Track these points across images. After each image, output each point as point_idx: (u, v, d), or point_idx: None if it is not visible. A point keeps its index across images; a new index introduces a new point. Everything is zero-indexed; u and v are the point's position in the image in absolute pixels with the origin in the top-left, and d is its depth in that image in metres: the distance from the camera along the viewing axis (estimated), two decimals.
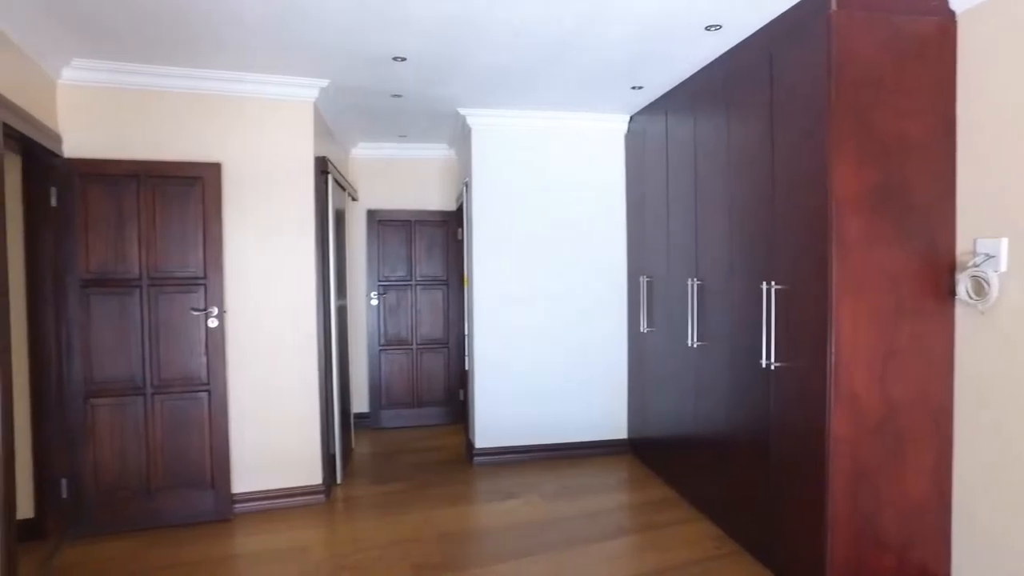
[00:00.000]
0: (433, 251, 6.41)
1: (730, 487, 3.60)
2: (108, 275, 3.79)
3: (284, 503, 4.17)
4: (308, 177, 4.22)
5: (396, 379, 6.36)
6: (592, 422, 5.21)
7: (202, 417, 3.95)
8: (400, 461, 5.29)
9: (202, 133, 3.98)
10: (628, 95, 4.57)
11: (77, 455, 3.76)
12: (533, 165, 5.11)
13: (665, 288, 4.49)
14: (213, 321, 3.93)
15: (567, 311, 5.17)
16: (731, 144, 3.55)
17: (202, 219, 3.91)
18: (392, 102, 4.71)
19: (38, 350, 3.70)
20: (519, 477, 4.76)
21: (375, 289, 6.31)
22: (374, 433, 6.14)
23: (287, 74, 4.03)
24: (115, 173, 3.77)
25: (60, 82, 3.75)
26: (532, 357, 5.13)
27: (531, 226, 5.11)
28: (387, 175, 6.36)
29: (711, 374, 3.81)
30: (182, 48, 3.57)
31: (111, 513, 3.80)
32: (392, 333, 6.37)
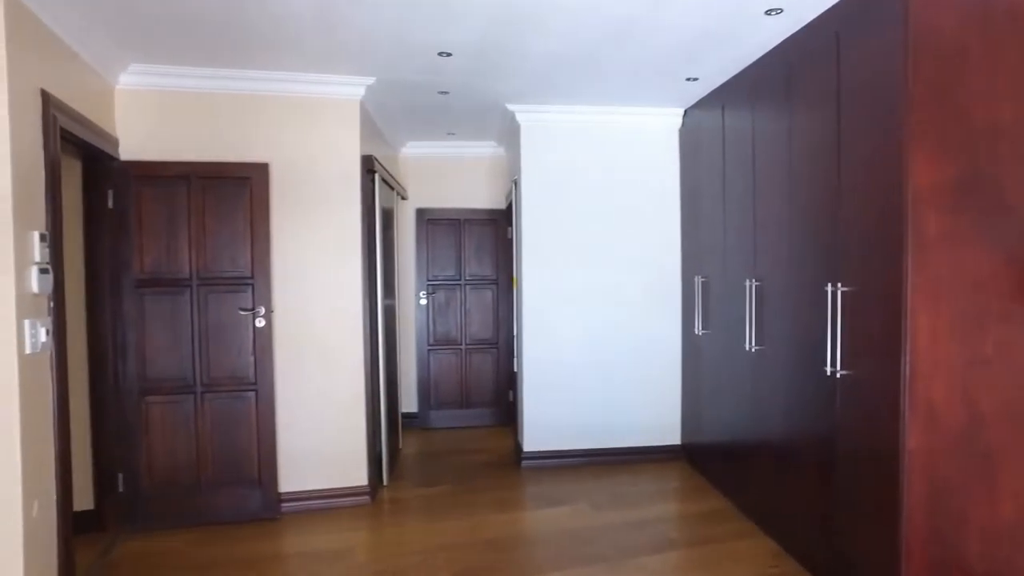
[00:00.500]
0: (482, 250, 6.34)
1: (790, 500, 3.38)
2: (160, 275, 3.85)
3: (330, 503, 4.16)
4: (355, 176, 4.20)
5: (445, 379, 6.31)
6: (644, 427, 5.03)
7: (250, 416, 3.97)
8: (447, 463, 5.23)
9: (250, 133, 4.01)
10: (683, 87, 4.37)
11: (132, 451, 3.83)
12: (584, 162, 4.96)
13: (721, 289, 4.27)
14: (260, 321, 3.95)
15: (619, 312, 5.00)
16: (792, 136, 3.32)
17: (250, 219, 3.93)
18: (439, 99, 4.65)
19: (96, 348, 3.80)
20: (567, 483, 4.62)
21: (424, 289, 6.28)
22: (422, 433, 6.11)
23: (333, 73, 4.01)
24: (166, 175, 3.82)
25: (118, 88, 3.83)
26: (583, 359, 4.98)
27: (582, 225, 4.97)
28: (436, 174, 6.31)
29: (770, 379, 3.59)
30: (230, 50, 3.59)
31: (163, 508, 3.87)
32: (441, 333, 6.32)
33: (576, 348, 4.97)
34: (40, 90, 2.84)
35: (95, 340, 3.79)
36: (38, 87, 2.83)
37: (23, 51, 2.68)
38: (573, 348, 4.97)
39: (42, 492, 2.77)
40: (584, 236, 4.97)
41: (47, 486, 2.83)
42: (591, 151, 4.95)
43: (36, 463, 2.72)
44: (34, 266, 2.72)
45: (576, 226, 4.96)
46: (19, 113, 2.64)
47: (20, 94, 2.65)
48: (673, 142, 5.02)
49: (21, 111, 2.66)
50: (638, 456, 4.99)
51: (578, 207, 4.96)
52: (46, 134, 2.86)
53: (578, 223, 4.96)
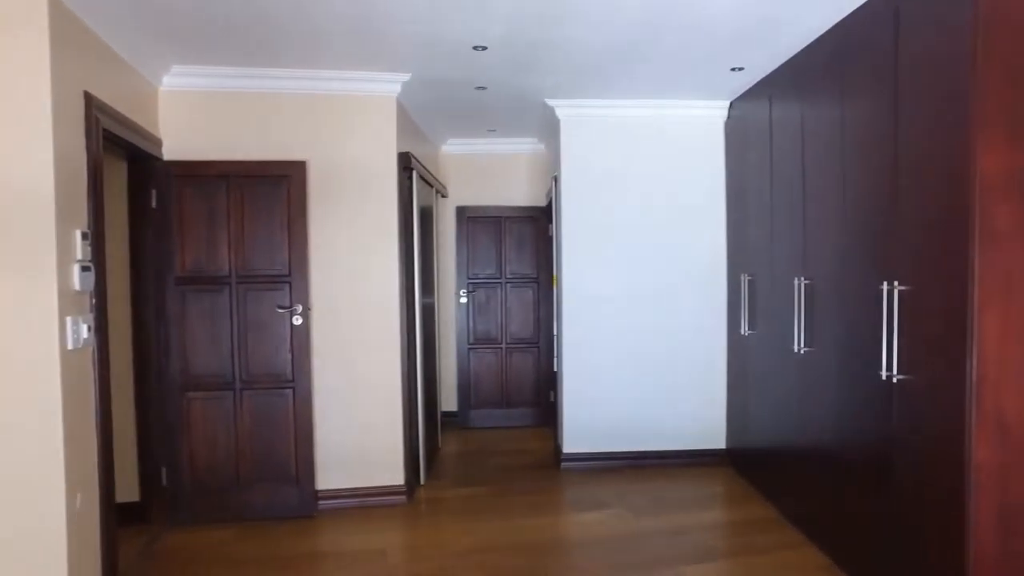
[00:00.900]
0: (523, 248, 6.26)
1: (843, 511, 3.19)
2: (200, 273, 3.91)
3: (366, 502, 4.15)
4: (391, 173, 4.17)
5: (485, 378, 6.26)
6: (687, 430, 4.86)
7: (287, 414, 3.99)
8: (486, 463, 5.18)
9: (288, 132, 4.03)
10: (727, 78, 4.19)
11: (175, 445, 3.90)
12: (625, 157, 4.82)
13: (768, 287, 4.08)
14: (297, 319, 3.97)
15: (662, 311, 4.84)
16: (845, 126, 3.13)
17: (287, 217, 3.95)
18: (476, 95, 4.59)
19: (140, 344, 3.88)
20: (607, 486, 4.50)
21: (464, 287, 6.24)
22: (462, 433, 6.08)
23: (369, 69, 3.99)
24: (206, 174, 3.87)
25: (161, 89, 3.90)
26: (624, 359, 4.85)
27: (623, 221, 4.84)
28: (476, 171, 6.27)
29: (820, 383, 3.40)
30: (267, 50, 3.61)
31: (204, 502, 3.92)
32: (481, 331, 6.27)
33: (617, 348, 4.84)
34: (83, 92, 2.89)
35: (140, 337, 3.87)
36: (81, 89, 2.88)
37: (66, 54, 2.73)
38: (614, 348, 4.84)
39: (85, 484, 2.82)
40: (626, 233, 4.84)
41: (90, 478, 2.89)
42: (632, 146, 4.82)
43: (79, 456, 2.77)
44: (76, 264, 2.77)
45: (617, 223, 4.83)
46: (62, 115, 2.69)
47: (63, 97, 2.70)
48: (718, 136, 4.84)
49: (64, 113, 2.71)
50: (681, 460, 4.83)
51: (619, 203, 4.83)
52: (88, 135, 2.92)
53: (619, 220, 4.83)
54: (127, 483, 3.89)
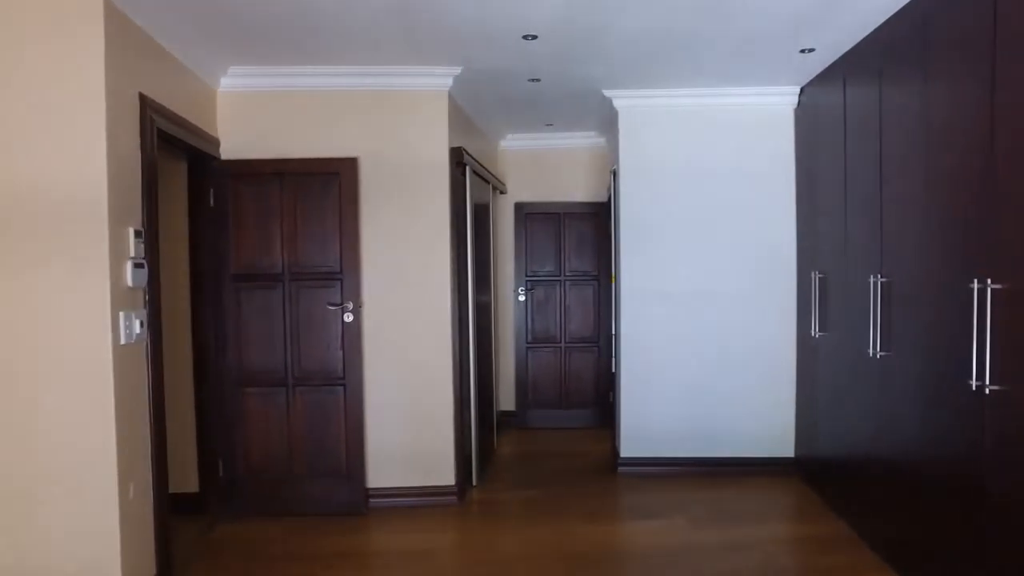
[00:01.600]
0: (583, 245, 6.10)
1: (924, 532, 2.88)
2: (255, 270, 3.97)
3: (416, 502, 4.11)
4: (443, 169, 4.11)
5: (543, 378, 6.14)
6: (753, 436, 4.58)
7: (339, 411, 4.00)
8: (541, 465, 5.07)
9: (340, 129, 4.03)
10: (796, 61, 3.90)
11: (231, 439, 3.98)
12: (687, 149, 4.59)
13: (841, 286, 3.77)
14: (349, 316, 3.97)
15: (726, 310, 4.58)
16: (929, 107, 2.82)
17: (339, 214, 3.96)
18: (530, 88, 4.47)
19: (199, 340, 3.98)
20: (665, 493, 4.30)
21: (523, 285, 6.14)
22: (519, 433, 5.98)
23: (420, 64, 3.94)
24: (260, 172, 3.93)
25: (220, 90, 3.98)
26: (685, 360, 4.62)
27: (685, 217, 4.60)
28: (535, 166, 6.16)
29: (898, 391, 3.10)
30: (319, 48, 3.62)
31: (258, 495, 3.99)
32: (540, 330, 6.16)
33: (678, 348, 4.62)
34: (138, 94, 2.96)
35: (198, 333, 3.98)
36: (136, 91, 2.95)
37: (121, 57, 2.80)
38: (675, 348, 4.62)
39: (138, 476, 2.90)
40: (687, 229, 4.61)
41: (143, 470, 2.96)
42: (695, 137, 4.58)
43: (131, 448, 2.84)
44: (129, 261, 2.84)
45: (678, 218, 4.61)
46: (116, 116, 2.76)
47: (117, 98, 2.77)
48: (787, 124, 4.53)
49: (118, 114, 2.78)
50: (746, 468, 4.56)
51: (680, 198, 4.60)
52: (143, 136, 2.99)
53: (680, 215, 4.61)
54: (187, 474, 4.02)
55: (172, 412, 3.93)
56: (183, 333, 4.00)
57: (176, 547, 3.42)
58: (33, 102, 2.65)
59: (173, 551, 3.24)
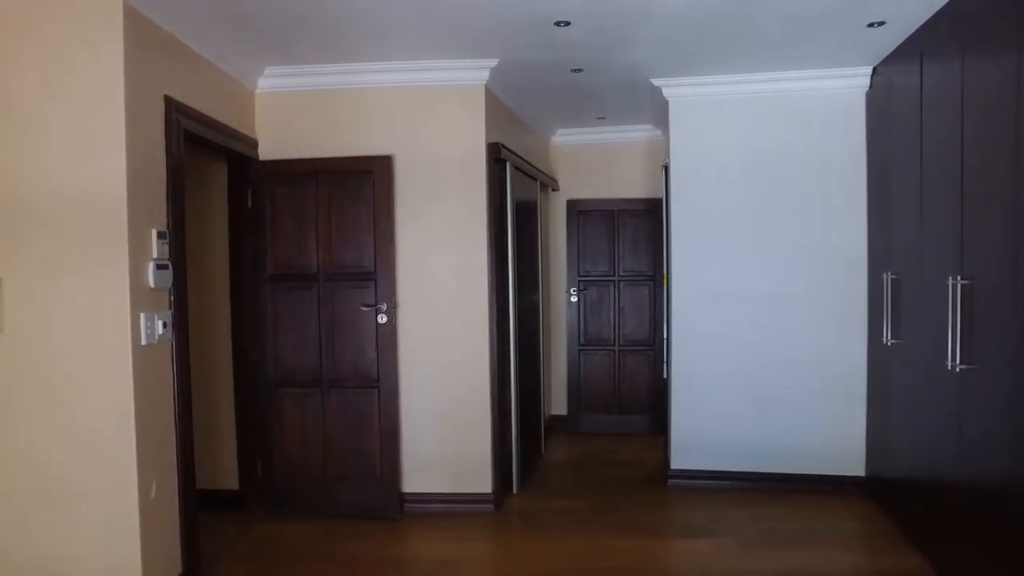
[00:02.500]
0: (638, 243, 5.82)
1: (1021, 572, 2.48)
2: (290, 271, 3.96)
3: (452, 508, 3.99)
4: (480, 165, 3.97)
5: (596, 382, 5.91)
6: (816, 451, 4.19)
7: (373, 414, 3.94)
8: (588, 474, 4.85)
9: (375, 127, 3.97)
10: (865, 37, 3.51)
11: (269, 439, 4.00)
12: (743, 140, 4.26)
13: (916, 289, 3.36)
14: (383, 317, 3.90)
15: (787, 314, 4.22)
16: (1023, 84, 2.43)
17: (372, 213, 3.89)
18: (573, 79, 4.26)
19: (238, 340, 4.02)
20: (716, 509, 3.99)
21: (575, 285, 5.93)
22: (570, 438, 5.78)
23: (454, 57, 3.82)
24: (295, 172, 3.92)
25: (257, 92, 4.00)
26: (742, 367, 4.29)
27: (741, 213, 4.27)
28: (587, 162, 5.93)
29: (983, 407, 2.70)
30: (353, 45, 3.57)
31: (293, 496, 3.99)
32: (592, 332, 5.93)
33: (736, 354, 4.29)
34: (163, 96, 2.98)
35: (237, 333, 4.02)
36: (161, 94, 2.97)
37: (143, 61, 2.82)
38: (732, 354, 4.30)
39: (161, 475, 2.91)
40: (744, 226, 4.27)
41: (167, 469, 2.97)
42: (752, 127, 4.24)
43: (153, 448, 2.86)
44: (151, 262, 2.85)
45: (735, 215, 4.28)
46: (137, 120, 2.77)
47: (139, 102, 2.78)
48: (856, 109, 4.10)
49: (140, 117, 2.79)
50: (809, 486, 4.17)
51: (737, 193, 4.27)
52: (168, 138, 3.00)
53: (738, 211, 4.28)
54: (228, 472, 4.07)
55: (212, 411, 4.03)
56: (223, 333, 4.05)
57: (212, 545, 3.48)
58: (55, 105, 2.70)
59: (203, 549, 3.27)
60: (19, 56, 2.70)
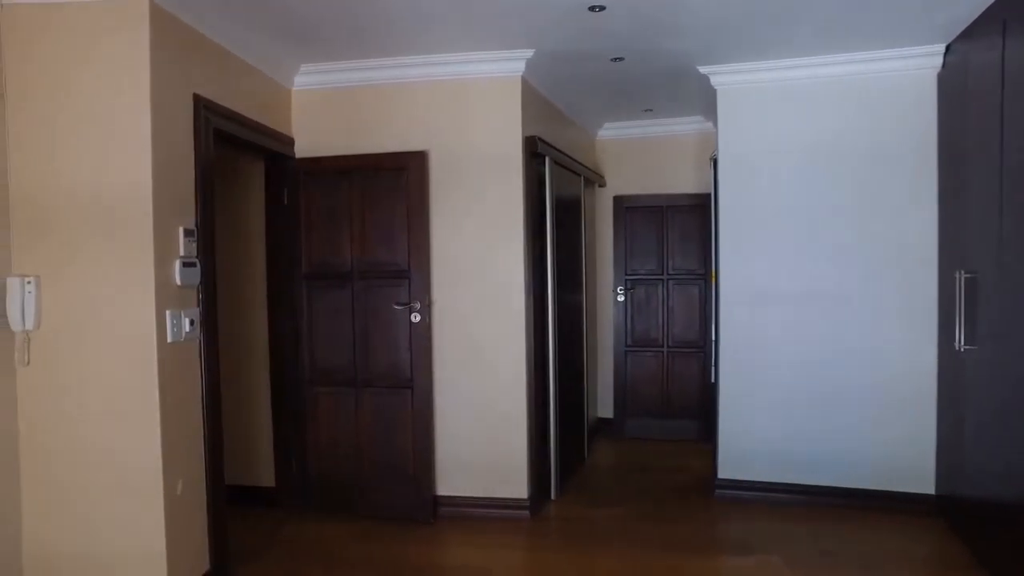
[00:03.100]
0: (688, 240, 5.57)
1: None
2: (325, 268, 3.94)
3: (486, 513, 3.88)
4: (516, 160, 3.84)
5: (643, 384, 5.69)
6: (881, 466, 3.86)
7: (406, 414, 3.86)
8: (632, 481, 4.65)
9: (410, 122, 3.90)
10: (935, 8, 3.19)
11: (304, 437, 3.99)
12: (799, 128, 3.98)
13: (995, 289, 3.03)
14: (416, 316, 3.82)
15: (847, 316, 3.91)
16: None
17: (406, 210, 3.82)
18: (614, 69, 4.07)
19: (276, 337, 4.03)
20: (764, 523, 3.74)
21: (621, 284, 5.72)
22: (615, 443, 5.58)
23: (488, 49, 3.70)
24: (329, 169, 3.89)
25: (294, 90, 3.99)
26: (795, 372, 4.01)
27: (796, 207, 4.00)
28: (634, 157, 5.71)
29: None
30: (384, 37, 3.52)
31: (328, 495, 3.96)
32: (640, 332, 5.71)
33: (789, 358, 4.01)
34: (192, 95, 2.98)
35: (275, 330, 4.02)
36: (190, 92, 2.97)
37: (171, 60, 2.82)
38: (785, 358, 4.02)
39: (188, 471, 2.91)
40: (799, 221, 3.99)
41: (194, 466, 2.97)
42: (808, 114, 3.95)
43: (180, 444, 2.86)
44: (178, 260, 2.85)
45: (789, 209, 4.00)
46: (164, 118, 2.77)
47: (166, 101, 2.79)
48: (926, 92, 3.76)
49: (167, 116, 2.80)
50: (870, 503, 3.85)
51: (791, 185, 4.00)
52: (197, 136, 3.00)
53: (792, 205, 4.00)
54: (264, 470, 4.09)
55: (250, 408, 4.07)
56: (262, 330, 4.07)
57: (244, 541, 3.49)
58: (83, 105, 2.73)
59: (234, 546, 3.28)
60: (47, 56, 2.74)
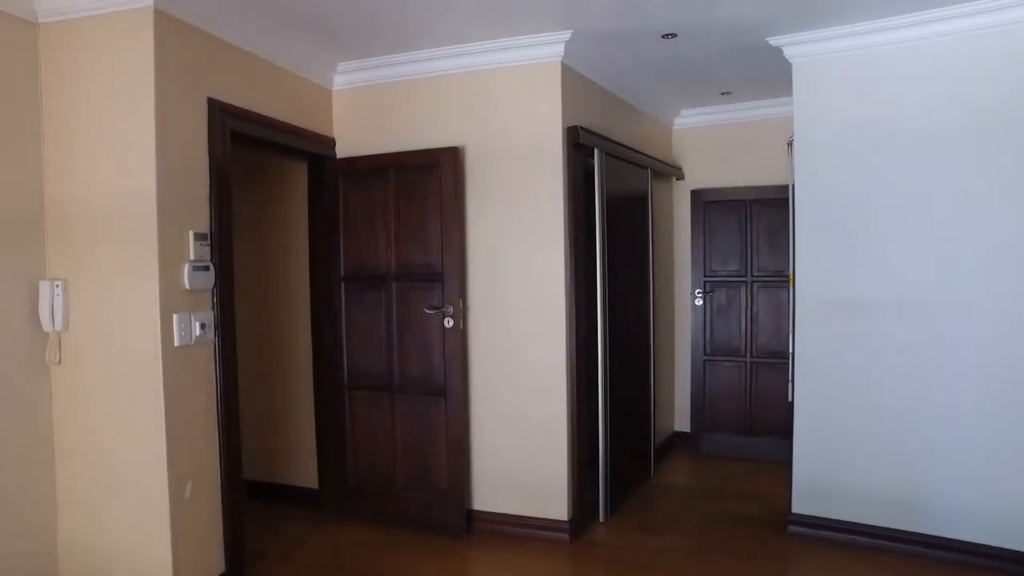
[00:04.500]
0: (775, 238, 4.96)
1: None
2: (361, 270, 3.84)
3: (523, 533, 3.61)
4: (556, 152, 3.53)
5: (723, 397, 5.15)
6: (998, 516, 3.15)
7: (440, 423, 3.68)
8: (697, 505, 4.19)
9: (443, 117, 3.70)
10: None
11: (341, 441, 3.91)
12: (895, 104, 3.36)
13: None
14: (449, 320, 3.62)
15: (963, 329, 3.21)
16: None
17: (439, 209, 3.63)
18: (669, 47, 3.64)
19: (317, 340, 3.99)
20: (844, 573, 3.18)
21: (699, 286, 5.21)
22: (689, 460, 5.09)
23: (522, 34, 3.43)
24: (365, 169, 3.78)
25: (334, 90, 3.93)
26: (893, 395, 3.38)
27: (895, 196, 3.37)
28: (713, 146, 5.18)
29: None
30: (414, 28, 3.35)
31: (366, 501, 3.86)
32: (720, 340, 5.17)
33: (883, 376, 3.40)
34: (206, 99, 2.96)
35: (316, 332, 3.99)
36: (204, 96, 2.95)
37: (179, 65, 2.81)
38: (878, 376, 3.41)
39: (198, 475, 2.89)
40: (900, 213, 3.36)
41: (206, 470, 2.94)
42: (909, 86, 3.32)
43: (188, 447, 2.84)
44: (187, 264, 2.84)
45: (886, 199, 3.39)
46: (171, 123, 2.76)
47: (174, 104, 2.78)
48: None
49: (174, 120, 2.78)
50: (979, 560, 3.15)
51: (887, 171, 3.38)
52: (212, 140, 2.97)
53: (889, 194, 3.38)
54: (308, 471, 4.08)
55: (294, 409, 4.13)
56: (305, 332, 4.05)
57: (268, 543, 3.51)
58: (94, 114, 2.77)
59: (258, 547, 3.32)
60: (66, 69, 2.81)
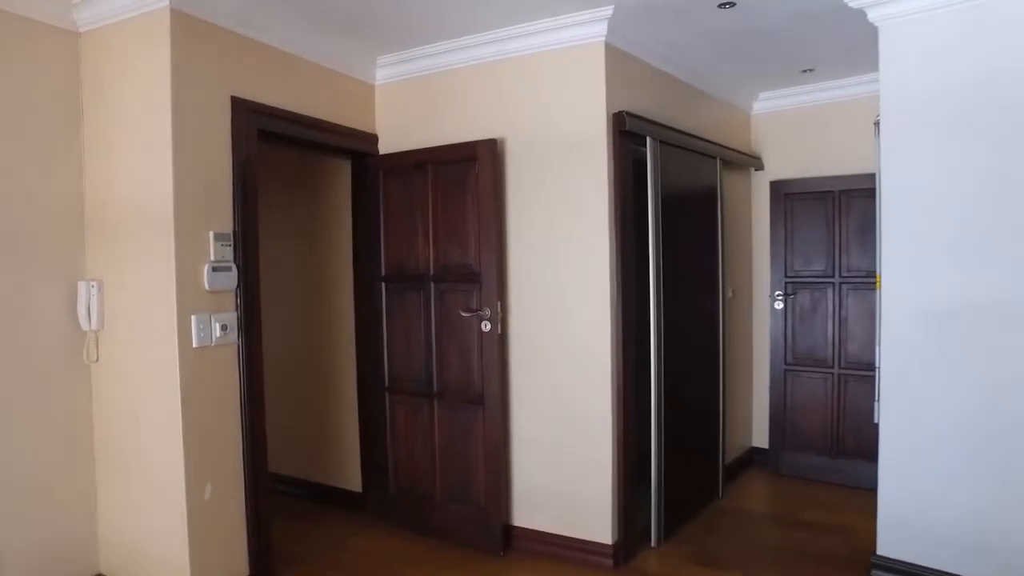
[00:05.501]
0: (867, 234, 4.36)
1: None
2: (400, 271, 3.70)
3: (564, 555, 3.34)
4: (599, 141, 3.23)
5: (807, 412, 4.62)
6: None
7: (477, 434, 3.47)
8: (767, 536, 3.74)
9: (480, 107, 3.50)
10: None
11: (382, 447, 3.80)
12: (1004, 70, 2.79)
13: None
14: (486, 324, 3.41)
15: None
16: None
17: (476, 205, 3.42)
18: (730, 18, 3.25)
19: (360, 342, 3.91)
20: None
21: (779, 288, 4.71)
22: (767, 480, 4.60)
23: (558, 14, 3.16)
24: (403, 165, 3.64)
25: (376, 84, 3.82)
26: (994, 422, 2.83)
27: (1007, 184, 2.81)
28: (796, 131, 4.66)
29: None
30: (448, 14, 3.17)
31: (405, 508, 3.72)
32: (803, 348, 4.64)
33: (984, 400, 2.85)
34: (230, 97, 2.91)
35: (359, 333, 3.90)
36: (227, 95, 2.90)
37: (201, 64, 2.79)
38: (977, 399, 2.86)
39: (217, 477, 2.84)
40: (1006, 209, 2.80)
41: (228, 472, 2.90)
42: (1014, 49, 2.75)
43: (208, 448, 2.80)
44: (207, 264, 2.80)
45: (993, 188, 2.83)
46: (192, 122, 2.74)
47: (194, 104, 2.76)
48: None
49: (194, 120, 2.75)
50: None
51: (991, 157, 2.82)
52: (235, 139, 2.93)
53: (999, 182, 2.82)
54: (353, 473, 4.02)
55: (338, 410, 4.12)
56: (349, 333, 3.98)
57: (301, 546, 3.48)
58: (122, 115, 2.80)
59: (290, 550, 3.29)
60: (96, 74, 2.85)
